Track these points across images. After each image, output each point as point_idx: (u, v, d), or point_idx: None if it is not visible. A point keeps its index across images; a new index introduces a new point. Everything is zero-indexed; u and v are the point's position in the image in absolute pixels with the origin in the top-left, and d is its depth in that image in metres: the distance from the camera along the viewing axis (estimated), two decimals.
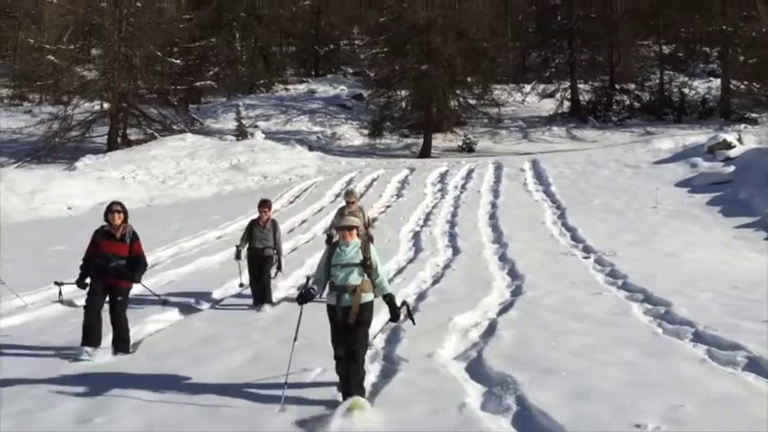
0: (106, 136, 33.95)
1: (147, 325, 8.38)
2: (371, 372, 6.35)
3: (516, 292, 9.88)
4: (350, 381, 5.23)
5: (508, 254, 13.02)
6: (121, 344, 7.13)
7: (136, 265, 7.25)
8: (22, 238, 15.75)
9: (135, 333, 8.04)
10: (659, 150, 25.04)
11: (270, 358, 6.56)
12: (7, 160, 31.21)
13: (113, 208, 7.16)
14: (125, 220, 7.15)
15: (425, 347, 6.90)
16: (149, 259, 13.28)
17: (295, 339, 5.54)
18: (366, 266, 5.36)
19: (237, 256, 9.52)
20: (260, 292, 9.24)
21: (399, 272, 11.97)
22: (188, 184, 25.81)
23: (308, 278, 5.70)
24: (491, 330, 7.64)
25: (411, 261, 13.05)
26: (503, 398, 5.35)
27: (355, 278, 5.34)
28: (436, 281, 11.15)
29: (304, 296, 5.48)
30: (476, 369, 6.28)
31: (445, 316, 8.30)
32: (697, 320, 7.42)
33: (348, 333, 5.32)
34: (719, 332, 6.88)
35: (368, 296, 5.40)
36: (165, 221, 18.06)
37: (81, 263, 7.20)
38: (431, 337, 7.33)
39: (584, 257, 12.63)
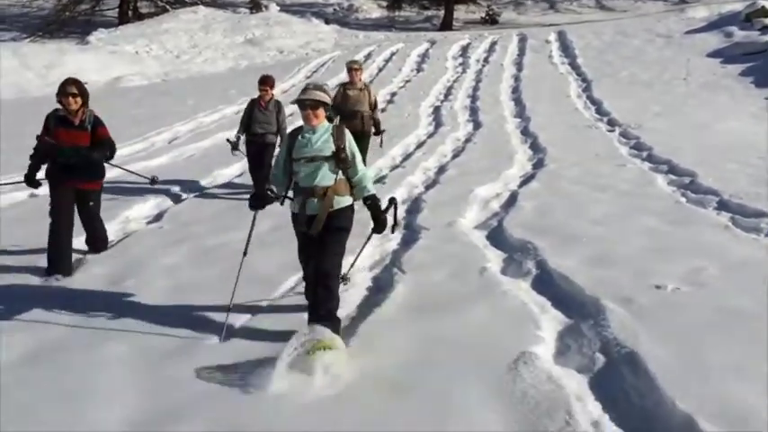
0: (117, 9, 32.98)
1: (170, 196, 8.50)
2: (392, 240, 6.43)
3: (538, 165, 9.78)
4: (318, 310, 3.96)
5: (531, 127, 12.79)
6: (99, 242, 6.06)
7: (98, 145, 5.64)
8: (37, 112, 15.76)
9: (158, 204, 8.18)
10: (693, 19, 23.80)
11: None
12: (19, 35, 30.62)
13: (67, 90, 5.48)
14: (85, 104, 5.60)
15: (446, 217, 6.94)
16: (168, 135, 13.39)
17: (245, 254, 4.38)
18: (339, 159, 4.00)
19: (235, 147, 8.27)
20: (261, 182, 8.05)
21: (419, 146, 11.88)
22: (203, 59, 25.29)
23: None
24: (512, 201, 7.63)
25: (431, 135, 12.91)
26: (523, 263, 5.41)
27: (326, 177, 4.02)
28: (457, 155, 11.06)
29: (257, 199, 4.25)
30: (496, 237, 6.32)
31: (466, 188, 8.29)
32: (722, 190, 7.32)
33: (317, 248, 4.04)
34: (744, 200, 6.80)
35: (343, 200, 4.09)
36: (181, 96, 17.88)
37: (32, 152, 5.72)
38: (451, 208, 7.37)
39: (609, 130, 12.37)
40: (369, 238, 4.70)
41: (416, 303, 4.54)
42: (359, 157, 4.15)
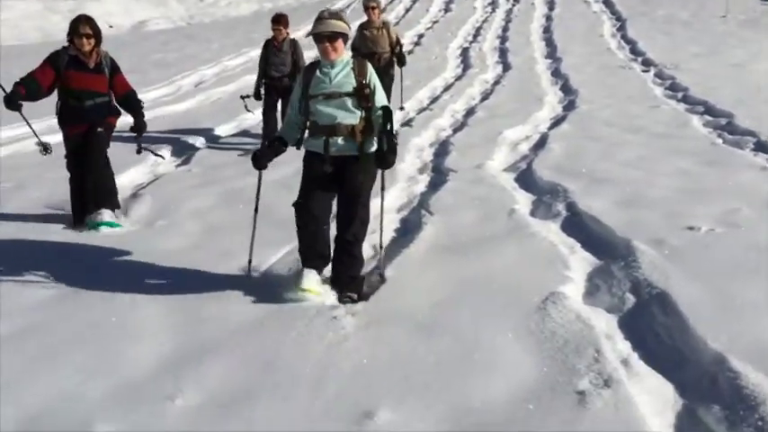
0: None
1: (198, 139, 8.53)
2: (420, 182, 6.40)
3: (569, 107, 9.60)
4: (341, 276, 3.80)
5: (562, 69, 12.51)
6: (108, 197, 5.34)
7: (134, 109, 5.35)
8: None
9: (186, 147, 8.22)
10: None
11: None
12: None
13: (80, 30, 5.01)
14: (98, 44, 5.14)
15: (474, 159, 6.88)
16: (193, 78, 13.34)
17: (256, 210, 4.13)
18: (362, 96, 3.63)
19: (257, 96, 7.79)
20: (272, 130, 7.36)
21: (447, 89, 11.70)
22: (227, 2, 25.00)
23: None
24: (541, 143, 7.53)
25: (459, 78, 12.70)
26: (552, 205, 5.35)
27: (348, 115, 3.68)
28: (485, 97, 10.92)
29: (257, 159, 3.86)
30: (525, 179, 6.26)
31: (494, 130, 8.19)
32: (760, 130, 7.12)
33: (342, 207, 3.76)
34: None
35: (368, 145, 3.76)
36: (206, 40, 17.78)
37: (17, 80, 5.10)
38: (479, 150, 7.30)
39: (644, 71, 12.04)
40: (383, 195, 4.02)
41: (445, 244, 4.53)
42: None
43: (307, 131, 3.86)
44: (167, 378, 3.00)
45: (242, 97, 8.36)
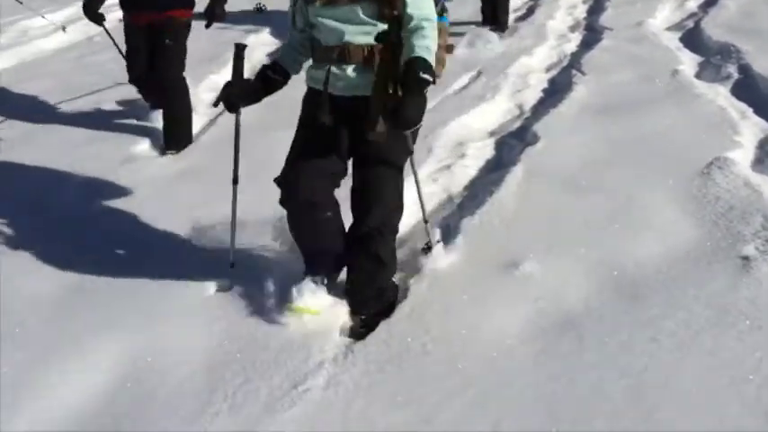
0: None
1: None
2: (571, 41, 6.00)
3: None
4: (358, 289, 2.50)
5: None
6: (176, 137, 4.14)
7: None
8: None
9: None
10: None
11: None
12: None
13: None
14: None
15: (633, 17, 6.33)
16: None
17: (235, 182, 2.76)
18: (386, 1, 2.19)
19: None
20: None
21: None
22: None
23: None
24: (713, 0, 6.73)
25: None
26: (722, 67, 4.85)
27: (362, 29, 2.25)
28: None
29: (234, 90, 2.51)
30: (692, 38, 5.70)
31: None
32: None
33: (359, 180, 2.41)
34: None
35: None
36: None
37: None
38: (640, 7, 6.72)
39: None
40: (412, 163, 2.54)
41: (599, 105, 4.30)
42: None
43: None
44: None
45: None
